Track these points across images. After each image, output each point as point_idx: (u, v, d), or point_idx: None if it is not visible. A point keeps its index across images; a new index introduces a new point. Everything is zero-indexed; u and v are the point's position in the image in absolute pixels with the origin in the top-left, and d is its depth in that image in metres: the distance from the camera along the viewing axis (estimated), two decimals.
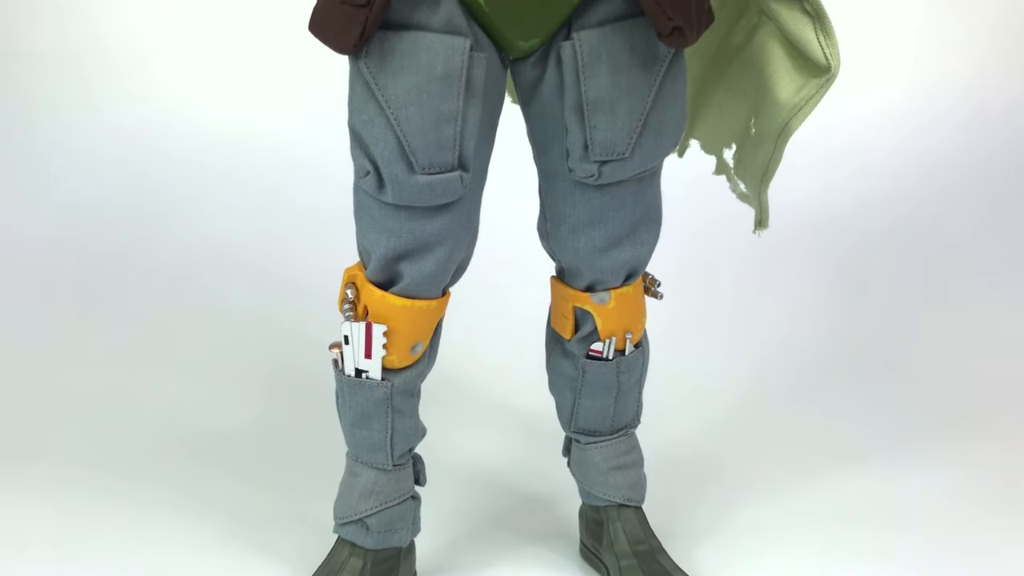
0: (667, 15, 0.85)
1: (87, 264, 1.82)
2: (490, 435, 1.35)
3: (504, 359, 1.45)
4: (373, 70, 0.86)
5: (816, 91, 0.96)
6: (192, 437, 1.38)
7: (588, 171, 0.93)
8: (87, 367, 1.55)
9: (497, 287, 1.44)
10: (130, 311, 1.70)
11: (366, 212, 0.94)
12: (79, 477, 1.28)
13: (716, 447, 1.33)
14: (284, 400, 1.45)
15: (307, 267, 1.76)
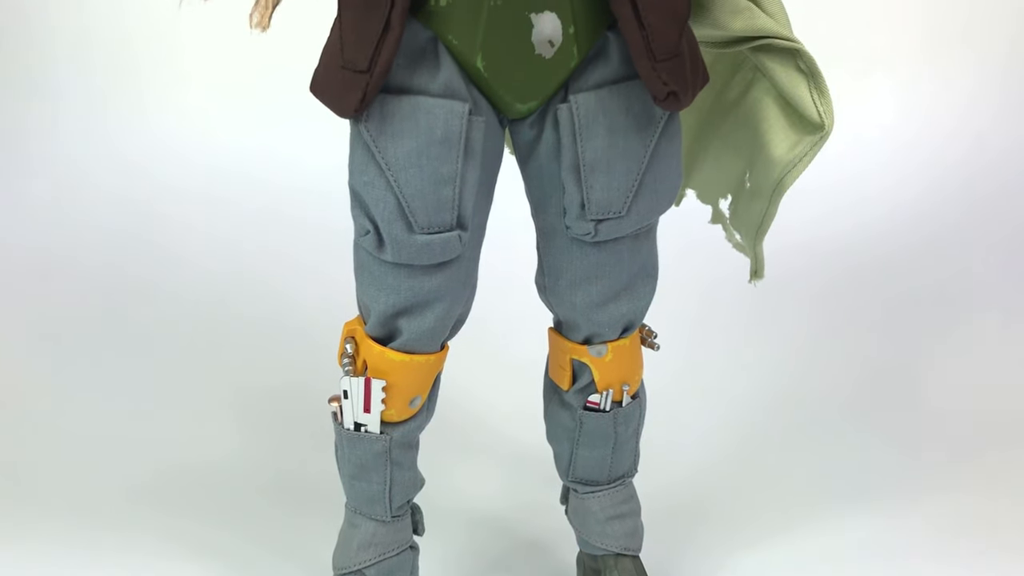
0: (662, 80, 0.86)
1: (83, 289, 1.84)
2: (488, 480, 1.36)
3: (503, 404, 1.46)
4: (373, 133, 0.87)
5: (810, 149, 0.98)
6: (187, 477, 1.38)
7: (585, 229, 0.94)
8: (82, 396, 1.56)
9: (496, 332, 1.45)
10: (126, 340, 1.70)
11: (366, 269, 0.95)
12: (72, 510, 1.28)
13: (712, 492, 1.33)
14: (284, 442, 1.46)
15: (310, 295, 1.77)
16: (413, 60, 0.87)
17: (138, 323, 1.75)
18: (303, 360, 1.62)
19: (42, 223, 1.99)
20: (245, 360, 1.65)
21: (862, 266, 1.89)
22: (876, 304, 1.79)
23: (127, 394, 1.57)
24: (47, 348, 1.68)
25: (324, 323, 1.66)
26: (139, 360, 1.65)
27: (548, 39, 0.87)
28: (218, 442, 1.46)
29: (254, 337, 1.71)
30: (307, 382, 1.52)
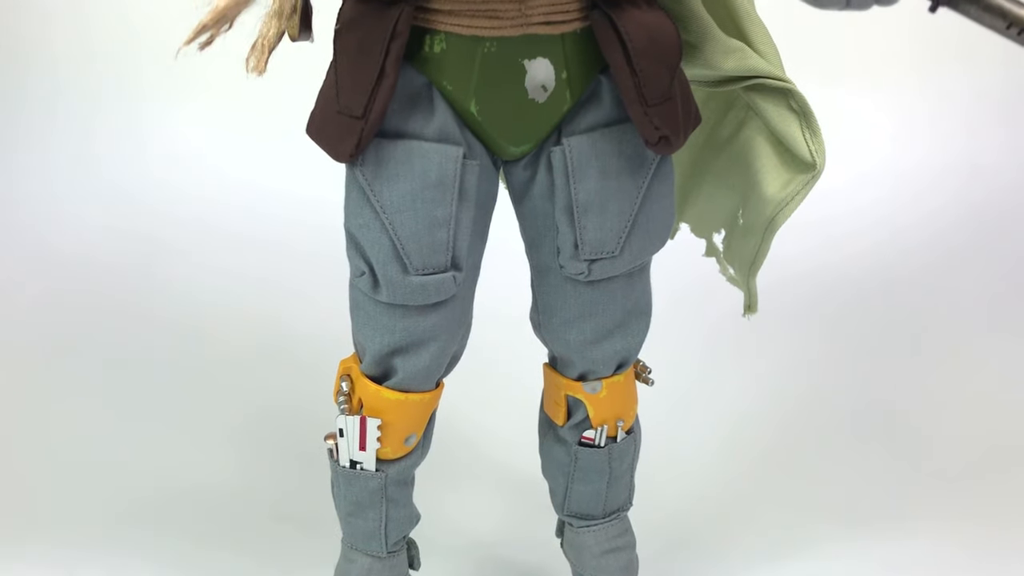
0: (654, 125, 0.87)
1: (79, 315, 1.85)
2: (484, 512, 1.36)
3: (500, 433, 1.47)
4: (369, 177, 0.88)
5: (802, 188, 0.99)
6: (184, 502, 1.39)
7: (578, 268, 0.95)
8: (79, 421, 1.56)
9: (496, 359, 1.46)
10: (124, 364, 1.71)
11: (361, 309, 0.96)
12: (69, 534, 1.29)
13: (709, 524, 1.33)
14: (282, 466, 1.46)
15: (306, 320, 1.78)
16: (408, 105, 0.88)
17: (134, 347, 1.76)
18: (301, 385, 1.63)
19: (36, 251, 2.01)
20: (243, 385, 1.66)
21: (860, 292, 1.90)
22: (875, 331, 1.79)
23: (125, 418, 1.57)
24: (43, 374, 1.69)
25: (321, 348, 1.68)
26: (137, 384, 1.66)
27: (541, 84, 0.88)
28: (216, 467, 1.46)
29: (251, 362, 1.72)
30: (305, 407, 1.53)
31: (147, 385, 1.65)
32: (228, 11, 0.76)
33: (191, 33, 0.76)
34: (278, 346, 1.76)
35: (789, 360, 1.69)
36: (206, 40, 0.77)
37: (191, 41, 0.76)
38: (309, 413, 1.43)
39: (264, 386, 1.65)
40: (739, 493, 1.39)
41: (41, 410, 1.59)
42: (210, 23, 0.76)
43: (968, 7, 0.68)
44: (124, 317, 1.85)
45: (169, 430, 1.55)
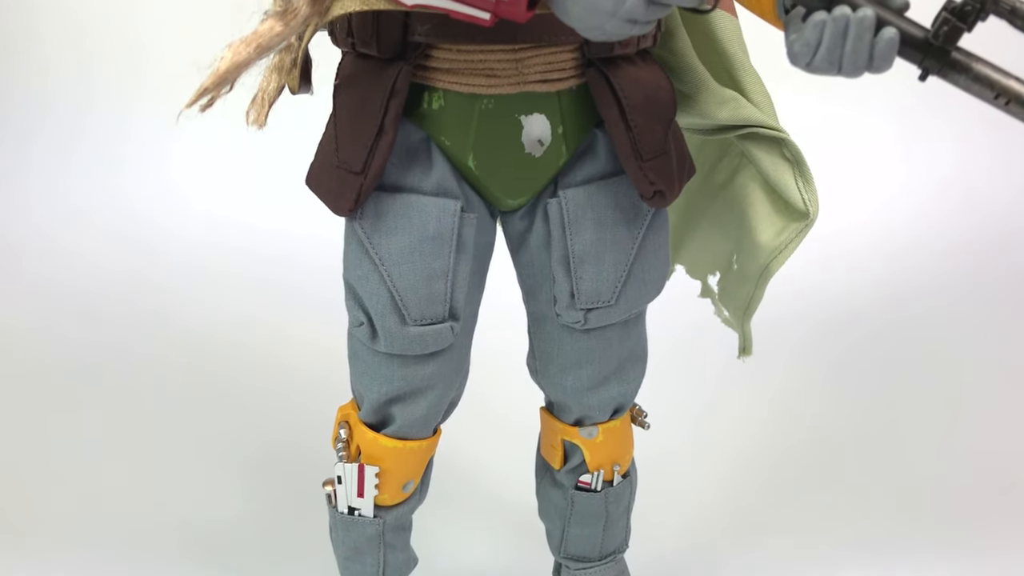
0: (649, 179, 0.88)
1: (78, 354, 1.85)
2: (482, 549, 1.36)
3: (498, 472, 1.47)
4: (368, 230, 0.89)
5: (795, 236, 1.00)
6: (184, 534, 1.39)
7: (575, 317, 0.96)
8: (81, 454, 1.57)
9: (490, 400, 1.46)
10: (123, 401, 1.72)
11: (359, 358, 0.96)
12: (70, 566, 1.30)
13: (706, 562, 1.33)
14: (283, 500, 1.46)
15: (307, 357, 1.79)
16: (406, 159, 0.89)
17: (135, 382, 1.77)
18: (301, 420, 1.64)
19: (39, 288, 2.02)
20: (243, 419, 1.66)
21: (857, 325, 1.91)
22: (874, 365, 1.80)
23: (126, 453, 1.57)
24: (46, 409, 1.69)
25: (320, 383, 1.69)
26: (138, 419, 1.67)
27: (538, 139, 0.89)
28: (216, 500, 1.47)
29: (252, 397, 1.73)
30: (306, 442, 1.54)
31: (148, 420, 1.66)
32: (229, 73, 0.77)
33: (192, 96, 0.77)
34: (277, 378, 1.76)
35: (786, 395, 1.70)
36: (207, 102, 0.78)
37: (192, 103, 0.77)
38: (309, 451, 1.44)
39: (263, 421, 1.66)
40: (737, 531, 1.39)
41: (42, 443, 1.60)
42: (211, 86, 0.77)
43: (957, 77, 0.69)
44: (120, 349, 1.85)
45: (171, 462, 1.55)
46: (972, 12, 0.66)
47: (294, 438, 1.58)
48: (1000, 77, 0.68)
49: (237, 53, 0.77)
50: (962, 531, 1.40)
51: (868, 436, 1.61)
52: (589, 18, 0.72)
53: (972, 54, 0.69)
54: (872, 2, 0.69)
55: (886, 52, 0.68)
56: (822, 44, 0.69)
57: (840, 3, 0.69)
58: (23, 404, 1.71)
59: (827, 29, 0.69)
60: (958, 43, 0.68)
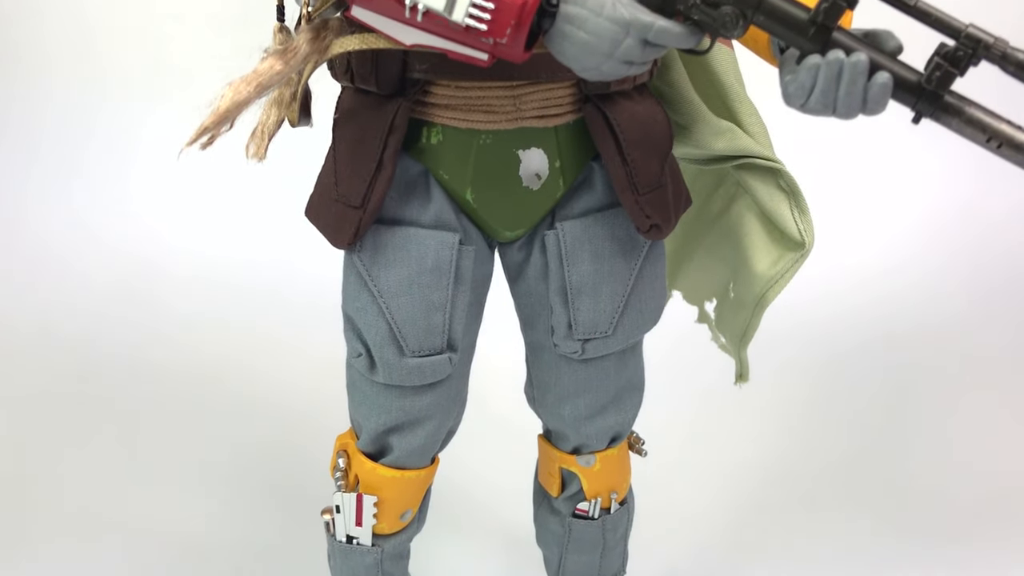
0: (645, 213, 0.89)
1: (69, 366, 1.86)
2: (479, 572, 1.36)
3: (497, 492, 1.48)
4: (366, 262, 0.90)
5: (791, 265, 1.00)
6: (179, 552, 1.39)
7: (572, 348, 0.96)
8: (73, 472, 1.57)
9: (497, 411, 1.47)
10: (116, 416, 1.72)
11: (358, 388, 0.97)
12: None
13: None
14: (281, 529, 1.47)
15: (297, 371, 1.80)
16: (405, 192, 0.89)
17: (125, 399, 1.77)
18: (292, 436, 1.64)
19: (27, 301, 2.03)
20: (234, 436, 1.67)
21: (853, 349, 1.92)
22: (868, 388, 1.81)
23: (117, 471, 1.58)
24: (37, 425, 1.69)
25: (313, 400, 1.70)
26: (129, 436, 1.67)
27: (535, 173, 0.89)
28: (213, 524, 1.47)
29: (242, 414, 1.73)
30: (304, 467, 1.55)
31: (151, 443, 1.66)
32: (230, 112, 0.78)
33: (193, 134, 0.78)
34: (275, 400, 1.77)
35: (780, 418, 1.70)
36: (207, 140, 0.79)
37: (193, 142, 0.78)
38: (308, 477, 1.45)
39: (262, 446, 1.66)
40: (733, 550, 1.40)
41: (34, 461, 1.60)
42: (212, 125, 0.77)
43: (950, 120, 0.70)
44: (117, 368, 1.86)
45: (161, 479, 1.56)
46: (964, 57, 0.67)
47: (293, 463, 1.58)
48: (992, 121, 0.69)
49: (237, 92, 0.77)
50: (957, 548, 1.41)
51: (863, 456, 1.62)
52: (585, 59, 0.73)
53: (965, 98, 0.70)
54: (866, 45, 0.70)
55: (880, 96, 0.69)
56: (816, 87, 0.70)
57: (834, 46, 0.70)
58: (16, 417, 1.71)
59: (821, 72, 0.69)
60: (951, 87, 0.68)
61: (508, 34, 0.71)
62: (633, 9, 0.71)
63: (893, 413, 1.73)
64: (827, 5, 0.69)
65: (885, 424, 1.70)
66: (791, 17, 0.70)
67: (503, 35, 0.71)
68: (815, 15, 0.69)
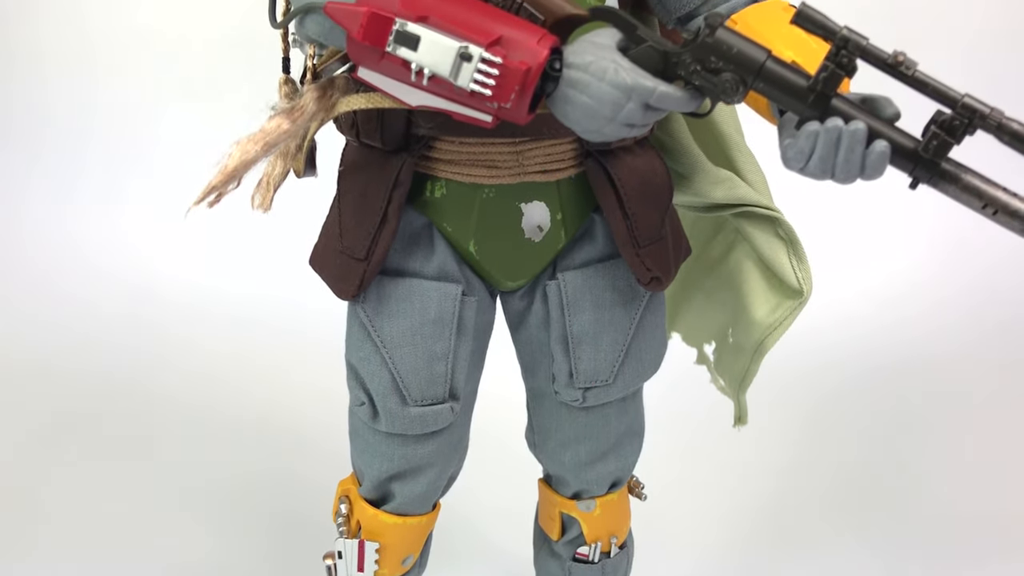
0: (646, 266, 0.90)
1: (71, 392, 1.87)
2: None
3: (495, 537, 1.48)
4: (370, 313, 0.91)
5: (790, 313, 1.01)
6: None
7: (573, 396, 0.97)
8: (72, 497, 1.58)
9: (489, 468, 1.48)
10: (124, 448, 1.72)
11: (360, 436, 0.98)
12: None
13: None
14: (283, 556, 1.47)
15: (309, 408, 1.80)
16: (409, 244, 0.90)
17: (123, 425, 1.78)
18: (294, 463, 1.65)
19: (29, 328, 2.03)
20: (235, 463, 1.67)
21: (852, 373, 1.92)
22: (868, 410, 1.82)
23: (120, 497, 1.58)
24: (37, 451, 1.69)
25: (314, 426, 1.71)
26: (128, 463, 1.67)
27: (537, 225, 0.91)
28: (207, 546, 1.47)
29: (242, 442, 1.73)
30: (299, 487, 1.57)
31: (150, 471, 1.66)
32: (237, 171, 0.79)
33: (200, 194, 0.79)
34: (277, 429, 1.77)
35: (776, 448, 1.71)
36: (214, 199, 0.80)
37: (200, 201, 0.79)
38: (309, 520, 1.45)
39: (258, 462, 1.66)
40: None
41: (36, 488, 1.60)
42: (219, 184, 0.78)
43: (947, 187, 0.71)
44: (116, 397, 1.86)
45: (166, 505, 1.56)
46: (960, 127, 0.68)
47: (294, 491, 1.58)
48: (988, 188, 0.70)
49: (245, 151, 0.79)
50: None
51: (861, 486, 1.63)
52: (588, 122, 0.74)
53: (961, 165, 0.71)
54: (864, 112, 0.71)
55: (878, 164, 0.70)
56: (815, 153, 0.71)
57: (833, 113, 0.71)
58: (12, 441, 1.71)
59: (820, 139, 0.71)
60: (947, 155, 0.70)
61: (512, 99, 0.72)
62: (635, 74, 0.72)
63: (892, 443, 1.74)
64: (826, 74, 0.70)
65: (884, 457, 1.71)
66: (790, 84, 0.72)
67: (507, 100, 0.72)
68: (814, 83, 0.70)
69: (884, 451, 1.73)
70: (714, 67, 0.72)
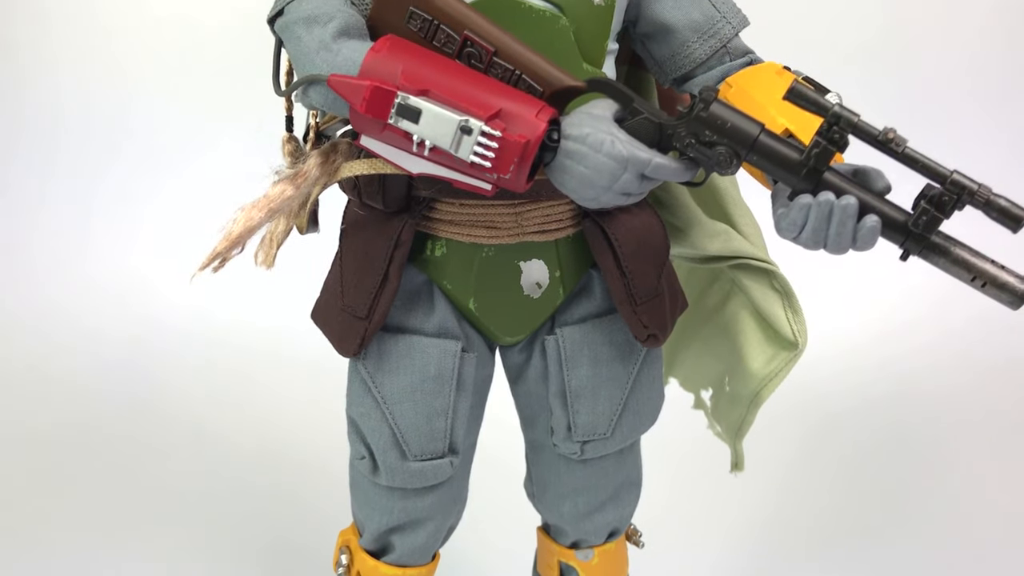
0: (643, 323, 0.91)
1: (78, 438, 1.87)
2: None
3: None
4: (371, 369, 0.92)
5: (785, 364, 1.03)
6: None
7: (571, 449, 0.98)
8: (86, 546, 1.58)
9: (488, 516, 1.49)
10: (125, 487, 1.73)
11: (361, 489, 0.99)
12: None
13: None
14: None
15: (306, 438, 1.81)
16: (409, 301, 0.92)
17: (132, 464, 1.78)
18: (298, 490, 1.65)
19: (33, 368, 2.05)
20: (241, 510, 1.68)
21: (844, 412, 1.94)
22: (855, 452, 1.83)
23: (116, 526, 1.58)
24: (46, 506, 1.70)
25: (315, 454, 1.71)
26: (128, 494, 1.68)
27: (536, 282, 0.92)
28: None
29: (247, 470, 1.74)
30: (301, 515, 1.58)
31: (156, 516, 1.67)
32: (242, 237, 0.80)
33: (205, 260, 0.80)
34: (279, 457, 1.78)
35: (771, 477, 1.72)
36: (219, 264, 0.81)
37: (205, 267, 0.80)
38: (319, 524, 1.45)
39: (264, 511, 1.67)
40: None
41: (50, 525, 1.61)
42: (224, 250, 0.80)
43: (937, 259, 0.73)
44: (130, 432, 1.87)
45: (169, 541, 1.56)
46: (949, 202, 0.70)
47: (297, 520, 1.58)
48: (977, 261, 0.71)
49: (250, 218, 0.80)
50: None
51: (855, 525, 1.64)
52: (585, 191, 0.76)
53: (951, 238, 0.72)
54: (855, 186, 0.73)
55: (868, 237, 0.72)
56: (808, 225, 0.73)
57: (825, 187, 0.73)
58: (18, 467, 1.72)
59: (812, 212, 0.72)
60: (937, 229, 0.71)
61: (511, 170, 0.74)
62: (631, 146, 0.74)
63: (885, 475, 1.75)
64: (818, 151, 0.71)
65: (875, 488, 1.71)
66: (783, 158, 0.73)
67: (507, 172, 0.74)
68: (807, 159, 0.72)
69: (876, 484, 1.73)
70: (708, 140, 0.74)
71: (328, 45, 0.77)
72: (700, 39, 0.89)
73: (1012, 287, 0.71)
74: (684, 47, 0.90)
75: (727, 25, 0.90)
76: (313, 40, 0.78)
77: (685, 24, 0.89)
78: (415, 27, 0.78)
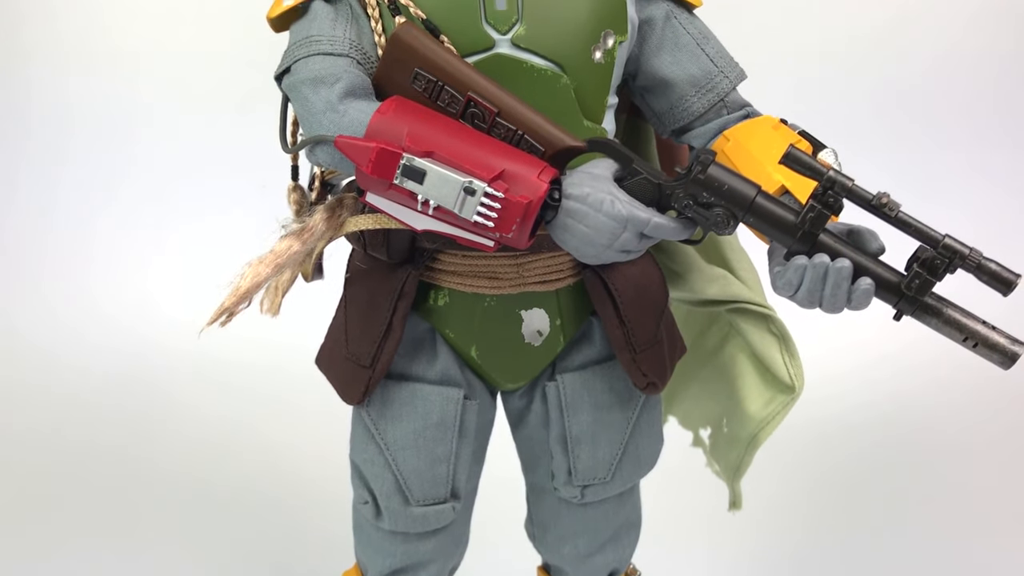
0: (642, 371, 0.93)
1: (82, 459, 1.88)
2: None
3: None
4: (374, 416, 0.93)
5: (782, 408, 1.04)
6: None
7: (572, 493, 1.00)
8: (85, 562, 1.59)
9: None
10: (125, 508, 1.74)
11: (364, 532, 1.00)
12: None
13: None
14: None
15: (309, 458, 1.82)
16: (412, 349, 0.93)
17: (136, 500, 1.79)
18: (298, 517, 1.66)
19: (32, 392, 2.06)
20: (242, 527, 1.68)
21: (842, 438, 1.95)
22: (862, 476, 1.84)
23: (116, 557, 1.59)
24: (46, 519, 1.71)
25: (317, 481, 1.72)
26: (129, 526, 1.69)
27: (537, 330, 0.94)
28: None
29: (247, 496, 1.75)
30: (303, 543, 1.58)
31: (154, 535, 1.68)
32: (249, 292, 0.82)
33: (213, 315, 0.82)
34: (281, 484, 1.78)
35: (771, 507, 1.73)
36: (227, 319, 0.83)
37: (213, 322, 0.82)
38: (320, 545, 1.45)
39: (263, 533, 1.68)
40: None
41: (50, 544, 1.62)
42: (231, 305, 0.81)
43: (929, 319, 0.74)
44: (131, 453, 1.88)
45: None
46: (941, 266, 0.71)
47: (298, 547, 1.59)
48: (968, 321, 0.73)
49: (257, 273, 0.82)
50: None
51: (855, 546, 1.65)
52: (586, 248, 0.77)
53: (943, 299, 0.74)
54: (850, 247, 0.75)
55: (862, 298, 0.73)
56: (803, 286, 0.74)
57: (820, 248, 0.74)
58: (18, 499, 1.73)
59: (808, 274, 0.74)
60: (930, 292, 0.73)
61: (514, 229, 0.75)
62: (630, 206, 0.76)
63: (884, 502, 1.76)
64: (813, 215, 0.73)
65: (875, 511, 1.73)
66: (779, 220, 0.75)
67: (509, 231, 0.75)
68: (802, 222, 0.74)
69: (870, 505, 1.75)
70: (706, 202, 0.76)
71: (335, 106, 0.79)
72: (698, 93, 0.91)
73: (1003, 348, 0.72)
74: (682, 101, 0.92)
75: (724, 80, 0.92)
76: (320, 101, 0.79)
77: (683, 79, 0.91)
78: (420, 87, 0.80)
